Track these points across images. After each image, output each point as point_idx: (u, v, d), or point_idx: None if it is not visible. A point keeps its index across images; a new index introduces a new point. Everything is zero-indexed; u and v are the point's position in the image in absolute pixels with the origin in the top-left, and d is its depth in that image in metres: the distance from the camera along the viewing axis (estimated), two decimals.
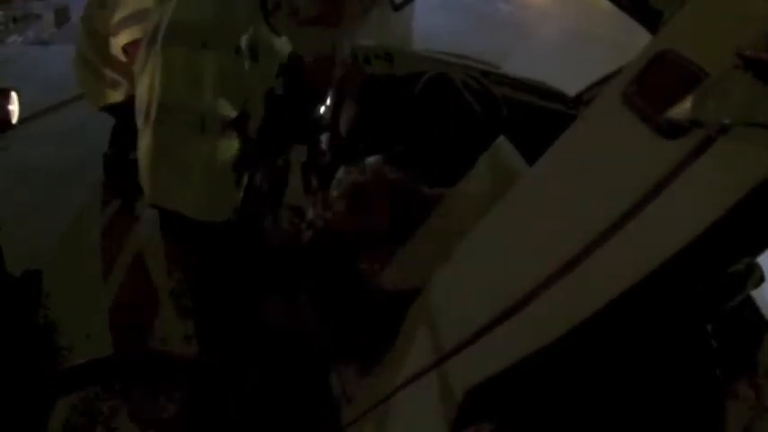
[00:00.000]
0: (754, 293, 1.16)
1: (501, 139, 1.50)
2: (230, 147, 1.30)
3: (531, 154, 1.08)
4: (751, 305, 1.18)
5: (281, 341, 1.76)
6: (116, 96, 2.32)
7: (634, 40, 1.22)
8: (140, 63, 1.34)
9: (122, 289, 2.29)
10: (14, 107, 1.73)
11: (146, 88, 1.32)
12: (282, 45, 1.35)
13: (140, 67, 1.34)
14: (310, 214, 1.85)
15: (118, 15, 2.06)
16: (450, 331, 1.08)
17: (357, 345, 1.55)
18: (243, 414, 1.67)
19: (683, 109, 0.66)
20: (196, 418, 1.77)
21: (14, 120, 1.73)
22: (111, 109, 2.41)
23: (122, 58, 2.14)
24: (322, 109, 1.77)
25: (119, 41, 2.07)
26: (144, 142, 1.35)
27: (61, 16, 4.66)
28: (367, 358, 1.43)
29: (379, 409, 1.32)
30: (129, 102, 2.22)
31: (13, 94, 1.73)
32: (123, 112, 2.39)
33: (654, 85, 0.76)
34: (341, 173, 1.91)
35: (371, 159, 1.94)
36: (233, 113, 1.28)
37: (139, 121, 1.37)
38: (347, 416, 1.47)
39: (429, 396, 1.14)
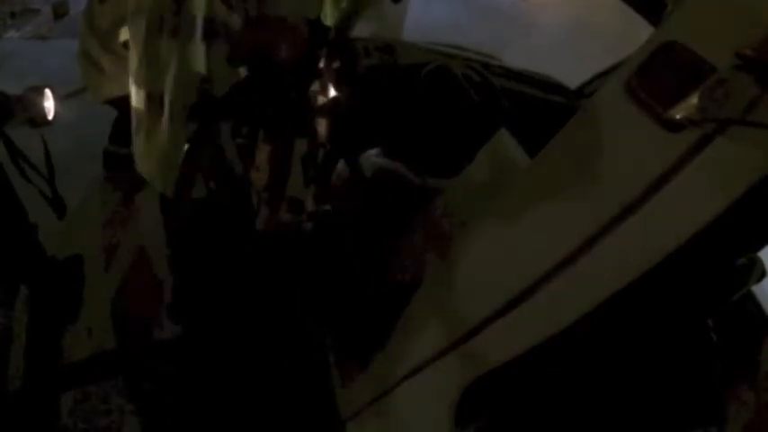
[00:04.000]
0: (755, 288, 1.16)
1: (502, 132, 1.50)
2: (187, 132, 1.31)
3: (532, 146, 1.08)
4: (752, 300, 1.18)
5: (280, 334, 1.77)
6: (118, 90, 2.32)
7: (636, 33, 1.21)
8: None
9: (124, 282, 2.29)
10: (50, 104, 1.78)
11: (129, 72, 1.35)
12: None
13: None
14: (310, 206, 1.85)
15: (121, 10, 2.06)
16: (452, 324, 1.08)
17: (357, 337, 1.55)
18: (241, 407, 1.68)
19: (685, 107, 0.66)
20: (194, 410, 1.78)
21: (51, 116, 1.78)
22: (115, 102, 2.41)
23: (124, 53, 2.14)
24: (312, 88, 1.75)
25: (122, 36, 2.07)
26: (134, 117, 1.39)
27: (60, 11, 4.64)
28: (367, 351, 1.43)
29: (381, 402, 1.32)
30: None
31: (48, 91, 1.77)
32: (126, 106, 2.38)
33: (657, 77, 0.75)
34: (341, 165, 1.91)
35: (372, 152, 1.93)
36: (194, 98, 1.28)
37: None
38: (348, 409, 1.48)
39: (431, 389, 1.14)
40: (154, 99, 1.30)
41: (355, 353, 1.52)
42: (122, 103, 2.37)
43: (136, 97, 1.36)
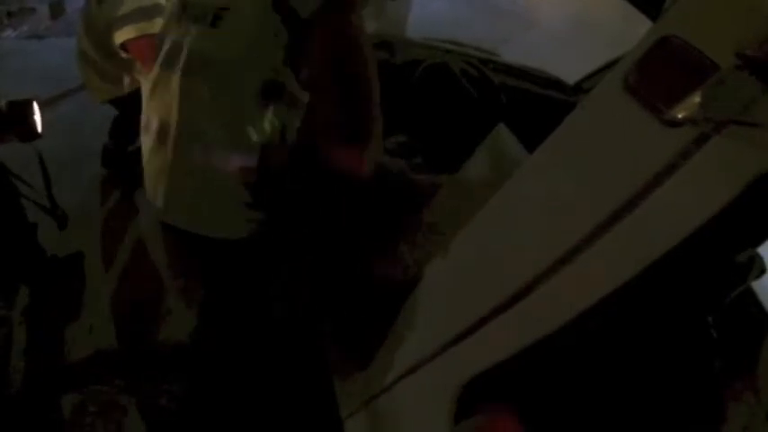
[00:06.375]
0: (756, 286, 1.15)
1: (500, 127, 1.49)
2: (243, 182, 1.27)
3: (531, 142, 1.07)
4: (752, 298, 1.18)
5: (280, 333, 1.76)
6: (118, 91, 2.34)
7: (635, 29, 1.20)
8: (151, 82, 1.28)
9: (124, 280, 2.30)
10: (38, 116, 1.75)
11: (157, 108, 1.26)
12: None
13: (151, 85, 1.28)
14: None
15: (116, 12, 2.05)
16: (449, 322, 1.08)
17: (356, 336, 1.54)
18: (241, 405, 1.68)
19: (687, 106, 0.66)
20: (196, 409, 1.78)
21: (40, 129, 1.75)
22: (114, 101, 2.43)
23: (119, 53, 2.14)
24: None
25: (117, 38, 2.07)
26: (159, 159, 1.29)
27: (56, 9, 4.63)
28: (366, 350, 1.43)
29: (379, 401, 1.32)
30: (131, 95, 2.22)
31: (35, 104, 1.74)
32: (125, 105, 2.39)
33: (656, 72, 0.74)
34: None
35: None
36: (251, 153, 1.23)
37: (148, 137, 1.33)
38: (346, 407, 1.48)
39: (428, 387, 1.14)
40: (208, 141, 1.24)
41: (354, 351, 1.52)
42: (120, 102, 2.38)
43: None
